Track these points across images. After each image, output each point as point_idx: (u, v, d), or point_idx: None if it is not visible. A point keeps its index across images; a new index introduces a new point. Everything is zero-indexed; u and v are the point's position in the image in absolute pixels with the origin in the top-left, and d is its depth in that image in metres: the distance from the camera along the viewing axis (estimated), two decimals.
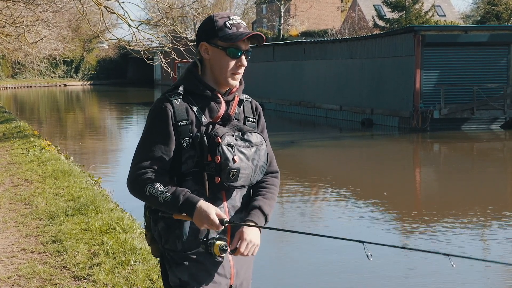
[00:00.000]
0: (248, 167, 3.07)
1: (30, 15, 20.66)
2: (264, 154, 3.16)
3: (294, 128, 31.32)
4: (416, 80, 26.69)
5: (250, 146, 3.09)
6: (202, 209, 2.93)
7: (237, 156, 3.02)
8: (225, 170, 3.00)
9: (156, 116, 3.08)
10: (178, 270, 3.10)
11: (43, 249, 7.19)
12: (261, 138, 3.16)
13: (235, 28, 3.07)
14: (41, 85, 74.12)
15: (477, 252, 10.02)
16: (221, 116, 3.13)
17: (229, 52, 3.07)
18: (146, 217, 3.21)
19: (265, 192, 3.22)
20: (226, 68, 3.09)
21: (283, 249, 10.18)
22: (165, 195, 2.95)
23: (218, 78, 3.13)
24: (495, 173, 18.09)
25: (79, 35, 68.21)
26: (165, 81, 70.47)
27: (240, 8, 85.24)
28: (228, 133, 3.05)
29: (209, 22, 3.11)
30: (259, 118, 3.33)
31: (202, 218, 2.93)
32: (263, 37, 3.11)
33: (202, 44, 3.12)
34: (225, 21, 3.08)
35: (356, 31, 55.12)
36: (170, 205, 2.96)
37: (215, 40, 3.08)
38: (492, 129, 26.91)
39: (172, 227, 3.09)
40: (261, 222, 3.11)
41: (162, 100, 3.11)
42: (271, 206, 3.19)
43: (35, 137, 18.63)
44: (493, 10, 48.33)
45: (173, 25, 16.71)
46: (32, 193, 10.41)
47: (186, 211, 2.95)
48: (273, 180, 3.30)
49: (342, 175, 17.74)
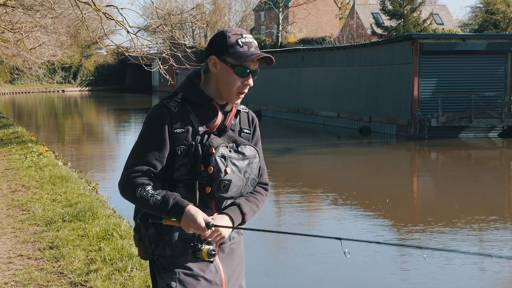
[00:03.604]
0: (239, 179, 3.09)
1: (28, 21, 20.69)
2: (256, 167, 3.18)
3: (292, 135, 31.33)
4: (414, 88, 26.72)
5: (243, 158, 3.10)
6: (190, 213, 2.95)
7: (229, 168, 3.04)
8: (217, 181, 3.02)
9: (153, 122, 3.10)
10: (167, 275, 3.12)
11: (40, 255, 7.18)
12: (255, 151, 3.18)
13: (247, 47, 3.08)
14: (39, 91, 74.07)
15: (475, 259, 10.02)
16: (217, 126, 3.15)
17: (237, 71, 3.08)
18: (136, 221, 3.23)
19: (249, 195, 3.23)
20: (232, 86, 3.10)
21: (281, 255, 10.18)
22: (155, 198, 2.98)
23: (221, 93, 3.14)
24: (493, 181, 18.10)
25: (78, 41, 68.17)
26: (163, 87, 70.48)
27: (239, 15, 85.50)
28: (223, 144, 3.07)
29: (221, 37, 3.11)
30: (254, 130, 3.34)
31: (189, 222, 2.95)
32: (272, 59, 3.12)
33: (211, 58, 3.12)
34: (237, 39, 3.09)
35: (354, 38, 55.18)
36: (159, 208, 2.99)
37: (225, 56, 3.08)
38: (490, 137, 26.94)
39: (162, 234, 3.11)
40: (237, 218, 3.12)
41: (160, 106, 3.12)
42: (251, 208, 3.20)
43: (33, 143, 18.62)
44: (491, 19, 48.45)
45: (172, 31, 16.73)
46: (29, 199, 10.40)
47: (174, 214, 2.98)
48: (260, 189, 3.31)
49: (339, 183, 17.74)
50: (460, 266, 9.48)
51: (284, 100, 37.30)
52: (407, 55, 27.32)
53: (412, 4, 51.55)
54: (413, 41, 26.94)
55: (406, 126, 26.90)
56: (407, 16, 51.20)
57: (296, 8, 70.74)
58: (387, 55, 29.12)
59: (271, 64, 3.14)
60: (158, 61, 15.67)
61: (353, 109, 31.17)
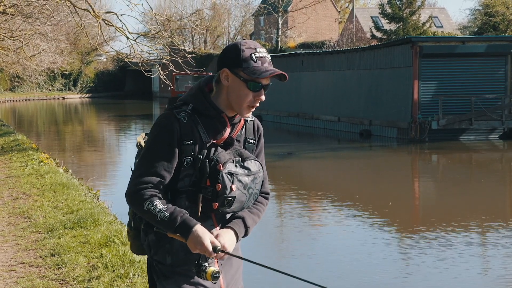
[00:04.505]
0: (243, 195, 3.08)
1: (28, 29, 20.70)
2: (260, 182, 3.16)
3: (292, 139, 31.33)
4: (414, 91, 26.73)
5: (248, 174, 3.08)
6: (198, 234, 2.93)
7: (234, 185, 3.02)
8: (221, 197, 3.00)
9: (163, 132, 3.06)
10: (167, 282, 3.11)
11: (42, 262, 7.18)
12: (260, 166, 3.16)
13: (260, 62, 3.04)
14: (40, 98, 74.10)
15: (476, 262, 10.01)
16: (225, 139, 3.12)
17: (250, 86, 3.04)
18: (131, 217, 3.23)
19: (252, 207, 3.22)
20: (243, 100, 3.07)
21: (280, 261, 10.17)
22: (163, 214, 2.95)
23: (232, 106, 3.11)
24: (494, 183, 18.09)
25: (78, 48, 68.24)
26: (163, 93, 70.45)
27: (238, 20, 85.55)
28: (230, 160, 3.04)
29: (235, 50, 3.06)
30: (259, 140, 3.31)
31: (196, 243, 2.93)
32: (286, 76, 3.07)
33: (224, 71, 3.07)
34: (251, 53, 3.04)
35: (354, 42, 55.22)
36: (166, 225, 2.97)
37: (238, 70, 3.03)
38: (490, 139, 26.94)
39: (163, 241, 3.10)
40: (241, 232, 3.11)
41: (169, 116, 3.08)
42: (254, 221, 3.19)
43: (34, 150, 18.62)
44: (490, 21, 48.47)
45: (171, 37, 16.74)
46: (30, 206, 10.39)
47: (181, 233, 2.96)
48: (262, 199, 3.29)
49: (341, 187, 17.73)
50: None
51: (284, 104, 37.31)
52: (407, 58, 27.33)
53: (411, 8, 51.59)
54: (413, 44, 26.96)
55: (407, 129, 26.90)
56: (406, 19, 51.24)
57: (295, 13, 70.83)
58: (387, 58, 29.14)
59: (284, 80, 3.10)
60: (158, 67, 15.67)
61: (353, 113, 31.17)
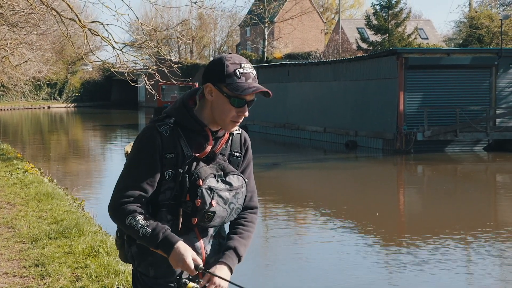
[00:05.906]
0: (223, 211, 3.05)
1: (14, 38, 20.60)
2: (242, 197, 3.13)
3: (278, 150, 31.34)
4: (400, 102, 26.84)
5: (229, 189, 3.06)
6: (179, 251, 2.91)
7: (214, 201, 3.00)
8: (201, 213, 2.99)
9: (145, 145, 3.04)
10: None
11: (26, 272, 7.12)
12: (243, 181, 3.13)
13: (244, 78, 3.01)
14: (25, 108, 73.77)
15: (460, 271, 10.04)
16: (207, 153, 3.09)
17: (233, 102, 3.02)
18: (120, 236, 3.20)
19: (242, 230, 3.20)
20: (227, 115, 3.04)
21: (268, 273, 10.15)
22: (145, 229, 2.93)
23: (216, 120, 3.08)
24: (478, 194, 18.17)
25: (63, 58, 68.04)
26: (149, 103, 70.33)
27: (224, 31, 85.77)
28: (211, 175, 3.02)
29: (219, 65, 3.03)
30: (246, 152, 3.28)
31: (178, 260, 2.92)
32: (269, 93, 3.07)
33: (207, 85, 3.04)
34: (236, 68, 3.01)
35: (340, 53, 55.40)
36: (148, 241, 2.94)
37: (221, 85, 3.01)
38: (475, 151, 27.08)
39: (145, 254, 3.08)
40: (234, 265, 3.10)
41: (151, 129, 3.06)
42: (246, 246, 3.17)
43: (18, 159, 18.52)
44: (475, 34, 48.78)
45: (157, 47, 16.72)
46: (14, 216, 10.32)
47: (163, 249, 2.94)
48: (252, 217, 3.26)
49: (326, 197, 17.75)
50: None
51: (270, 115, 37.34)
52: (393, 69, 27.45)
53: (397, 19, 51.85)
54: (398, 55, 27.09)
55: (392, 140, 26.99)
56: (392, 31, 51.49)
57: (281, 24, 71.05)
58: (373, 69, 29.25)
59: (267, 96, 3.10)
60: (144, 77, 15.62)
61: (339, 124, 31.25)
